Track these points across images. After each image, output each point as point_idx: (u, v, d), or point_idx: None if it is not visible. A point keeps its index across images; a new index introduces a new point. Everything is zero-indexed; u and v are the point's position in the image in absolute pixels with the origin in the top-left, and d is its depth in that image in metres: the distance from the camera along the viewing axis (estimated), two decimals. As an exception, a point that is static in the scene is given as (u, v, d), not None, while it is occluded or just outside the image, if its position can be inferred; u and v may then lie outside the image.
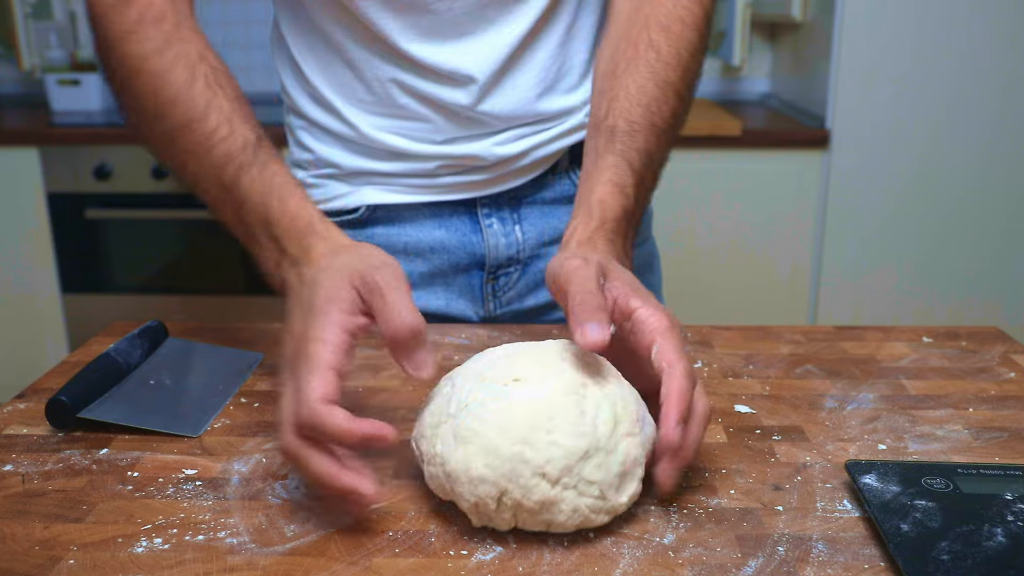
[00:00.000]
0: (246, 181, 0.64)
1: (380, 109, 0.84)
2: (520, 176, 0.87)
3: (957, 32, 2.03)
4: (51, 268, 2.36)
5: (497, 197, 0.88)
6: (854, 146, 2.11)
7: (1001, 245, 2.16)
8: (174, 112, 0.67)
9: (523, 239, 0.89)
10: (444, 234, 0.87)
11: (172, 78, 0.67)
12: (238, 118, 0.67)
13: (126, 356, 0.70)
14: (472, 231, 0.88)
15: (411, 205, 0.87)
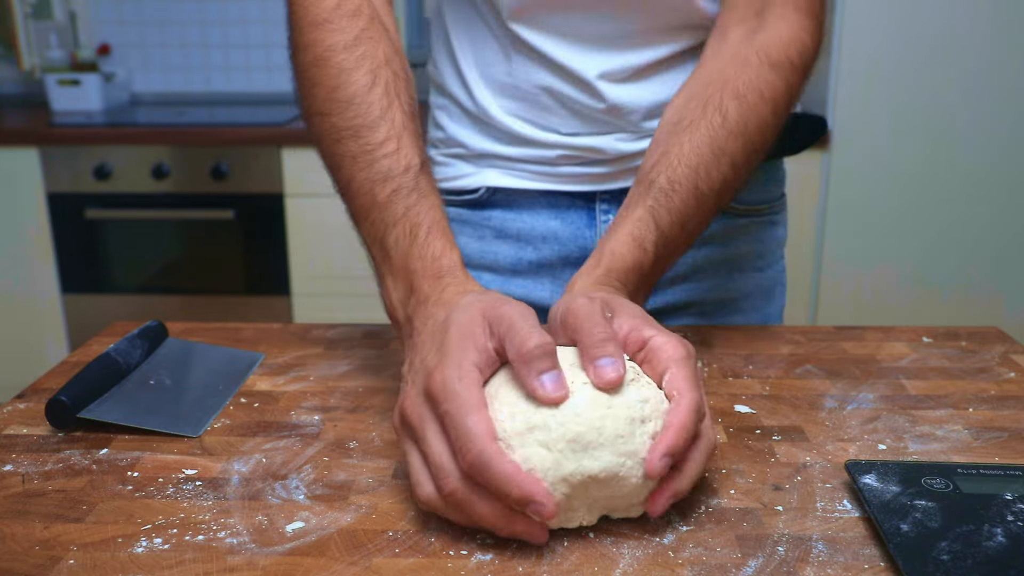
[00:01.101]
0: (400, 207, 0.64)
1: (514, 92, 0.84)
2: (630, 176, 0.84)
3: (957, 32, 2.03)
4: (51, 268, 2.37)
5: (618, 193, 0.85)
6: (854, 146, 2.11)
7: (1001, 245, 2.16)
8: (347, 113, 0.67)
9: None
10: (559, 224, 0.86)
11: (354, 78, 0.67)
12: (407, 136, 0.67)
13: (126, 356, 0.70)
14: (587, 225, 0.86)
15: (530, 191, 0.86)
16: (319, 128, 0.69)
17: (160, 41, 2.77)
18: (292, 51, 0.72)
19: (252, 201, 2.30)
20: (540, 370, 0.49)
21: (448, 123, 0.89)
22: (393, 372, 0.75)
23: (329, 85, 0.68)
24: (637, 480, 0.50)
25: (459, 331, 0.53)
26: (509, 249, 0.87)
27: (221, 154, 2.28)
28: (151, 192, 2.31)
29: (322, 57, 0.69)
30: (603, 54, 0.81)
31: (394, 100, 0.68)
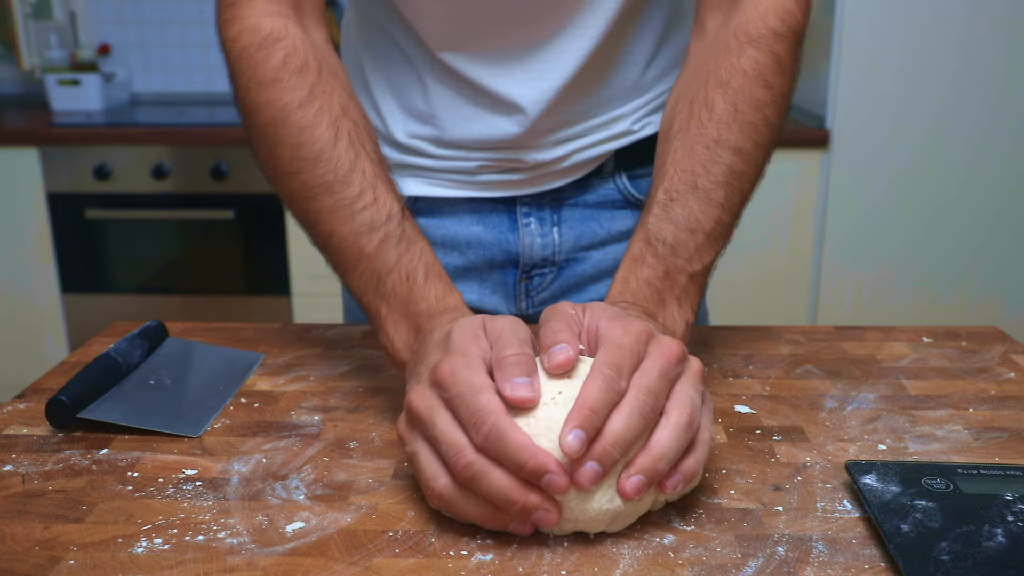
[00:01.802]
0: (392, 256, 0.65)
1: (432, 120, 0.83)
2: (561, 178, 0.86)
3: (957, 32, 2.03)
4: (51, 268, 2.37)
5: (539, 197, 0.86)
6: (854, 146, 2.11)
7: (1001, 245, 2.16)
8: (316, 170, 0.67)
9: (560, 241, 0.88)
10: (481, 230, 0.87)
11: (316, 134, 0.67)
12: (381, 184, 0.67)
13: (126, 356, 0.70)
14: (509, 229, 0.87)
15: (451, 199, 0.86)
16: (289, 187, 0.69)
17: (160, 41, 2.77)
18: (244, 112, 0.71)
19: (252, 201, 2.30)
20: (513, 375, 0.50)
21: None
22: (393, 372, 0.75)
23: (292, 144, 0.68)
24: (598, 506, 0.49)
25: (462, 334, 0.54)
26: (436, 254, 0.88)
27: (221, 154, 2.28)
28: (151, 192, 2.31)
29: (279, 117, 0.68)
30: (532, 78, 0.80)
31: (360, 151, 0.68)
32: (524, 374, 0.51)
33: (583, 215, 0.88)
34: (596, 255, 0.89)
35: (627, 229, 0.89)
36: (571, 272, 0.89)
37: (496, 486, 0.48)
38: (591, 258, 0.89)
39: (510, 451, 0.47)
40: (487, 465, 0.48)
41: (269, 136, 0.69)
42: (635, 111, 0.86)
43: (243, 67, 0.70)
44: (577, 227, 0.88)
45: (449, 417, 0.51)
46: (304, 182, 0.67)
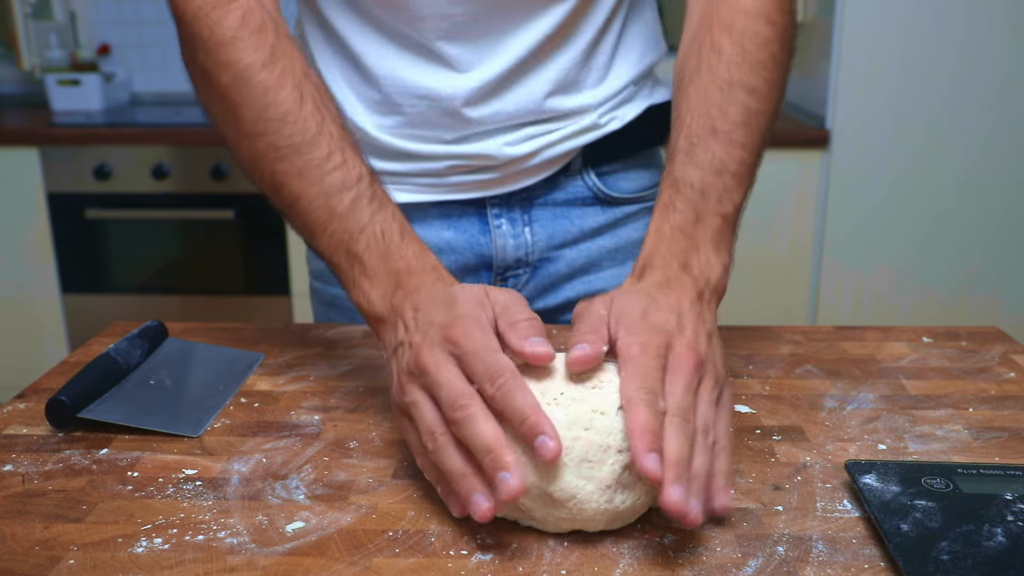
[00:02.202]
0: (364, 214, 0.65)
1: (389, 108, 0.84)
2: (530, 176, 0.86)
3: (957, 32, 2.03)
4: (51, 268, 2.37)
5: (508, 197, 0.87)
6: (854, 146, 2.11)
7: (1001, 245, 2.16)
8: (283, 131, 0.66)
9: (532, 241, 0.88)
10: (452, 234, 0.87)
11: (282, 96, 0.67)
12: (349, 148, 0.67)
13: (126, 356, 0.70)
14: (480, 232, 0.87)
15: (420, 204, 0.86)
16: (252, 149, 0.68)
17: (160, 41, 2.77)
18: (201, 75, 0.71)
19: (252, 201, 2.30)
20: (528, 335, 0.52)
21: None
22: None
23: (256, 106, 0.67)
24: (596, 506, 0.50)
25: (468, 300, 0.56)
26: None
27: (221, 154, 2.28)
28: (151, 192, 2.31)
29: (241, 78, 0.67)
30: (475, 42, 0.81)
31: (325, 114, 0.68)
32: (538, 335, 0.53)
33: (553, 213, 0.88)
34: (569, 253, 0.90)
35: (598, 225, 0.90)
36: (545, 272, 0.90)
37: (482, 433, 0.49)
38: (564, 256, 0.89)
39: (517, 404, 0.49)
40: (481, 412, 0.50)
41: (231, 97, 0.68)
42: (600, 104, 0.86)
43: (199, 28, 0.70)
44: (549, 226, 0.88)
45: (456, 370, 0.52)
46: (270, 143, 0.67)
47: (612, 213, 0.90)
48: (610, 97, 0.86)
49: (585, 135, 0.86)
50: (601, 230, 0.90)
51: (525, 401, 0.49)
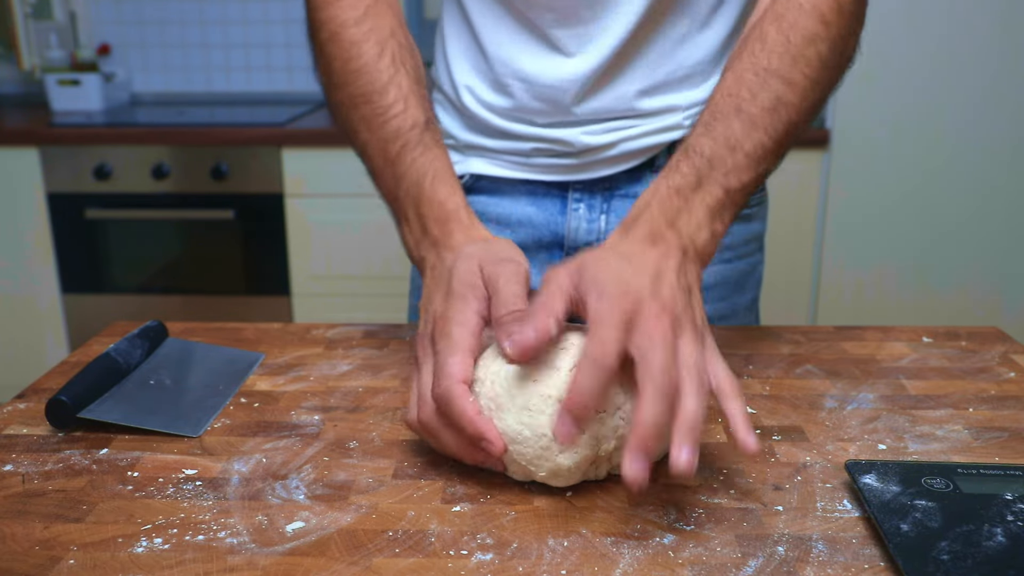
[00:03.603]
0: (408, 159, 0.70)
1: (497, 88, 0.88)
2: (608, 166, 0.88)
3: (956, 32, 2.03)
4: (51, 268, 2.37)
5: (591, 184, 0.90)
6: (854, 146, 2.11)
7: (1001, 245, 2.16)
8: (358, 81, 0.73)
9: (605, 228, 0.90)
10: (534, 211, 0.91)
11: (364, 49, 0.73)
12: (414, 98, 0.73)
13: (126, 356, 0.70)
14: (560, 212, 0.91)
15: (509, 180, 0.91)
16: (337, 98, 0.75)
17: (160, 41, 2.77)
18: (310, 31, 0.78)
19: (252, 201, 2.30)
20: (509, 332, 0.55)
21: (442, 115, 0.95)
22: (393, 372, 0.75)
23: (343, 58, 0.74)
24: (533, 452, 0.54)
25: (460, 281, 0.60)
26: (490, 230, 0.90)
27: (221, 154, 2.28)
28: (151, 192, 2.31)
29: (336, 33, 0.75)
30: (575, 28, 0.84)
31: (400, 67, 0.73)
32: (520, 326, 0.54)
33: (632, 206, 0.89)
34: None
35: None
36: None
37: (446, 443, 0.56)
38: None
39: (454, 416, 0.55)
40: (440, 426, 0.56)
41: (326, 52, 0.76)
42: (690, 106, 0.86)
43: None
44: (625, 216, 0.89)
45: (431, 368, 0.58)
46: (349, 93, 0.74)
47: None
48: (702, 101, 0.86)
49: (667, 133, 0.87)
50: None
51: (460, 409, 0.54)
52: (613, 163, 0.88)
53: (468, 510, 0.54)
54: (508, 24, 0.86)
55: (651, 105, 0.86)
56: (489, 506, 0.54)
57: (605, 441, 0.55)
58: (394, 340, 0.82)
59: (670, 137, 0.87)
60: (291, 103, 2.67)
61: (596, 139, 0.86)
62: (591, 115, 0.86)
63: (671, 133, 0.87)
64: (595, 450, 0.55)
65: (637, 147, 0.87)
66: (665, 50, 0.85)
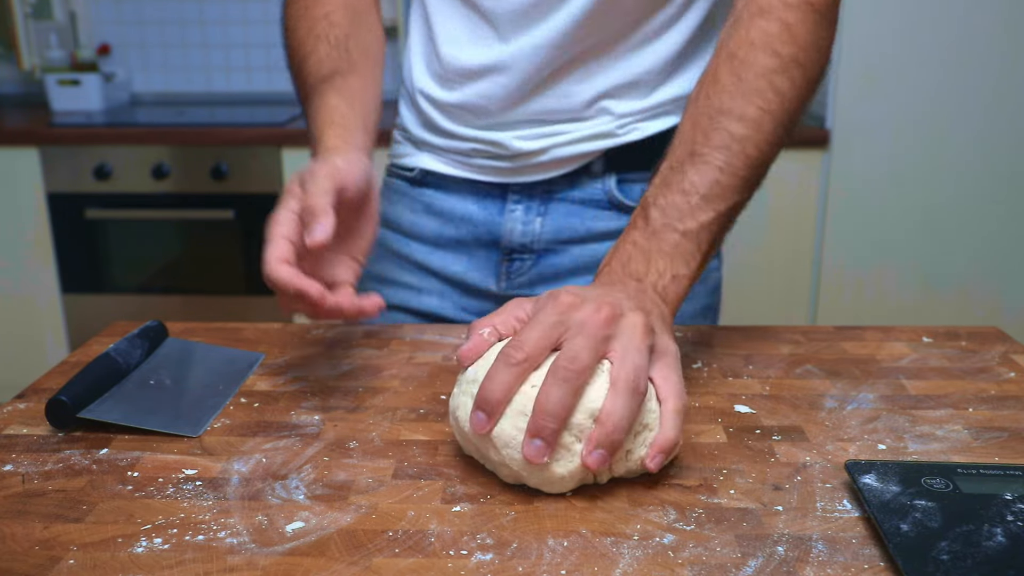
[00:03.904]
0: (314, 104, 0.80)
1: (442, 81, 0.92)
2: (541, 171, 0.90)
3: (957, 32, 2.03)
4: (51, 268, 2.37)
5: (530, 187, 0.92)
6: (854, 146, 2.11)
7: (1002, 245, 2.16)
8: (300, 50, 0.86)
9: (539, 231, 0.92)
10: (475, 209, 0.94)
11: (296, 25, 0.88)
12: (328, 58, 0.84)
13: (126, 356, 0.70)
14: (498, 212, 0.93)
15: (454, 177, 0.94)
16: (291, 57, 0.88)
17: (160, 41, 2.77)
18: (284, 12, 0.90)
19: (252, 201, 2.30)
20: (307, 223, 0.66)
21: (402, 110, 1.00)
22: (393, 372, 0.75)
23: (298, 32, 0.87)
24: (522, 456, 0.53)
25: (285, 188, 0.70)
26: (434, 224, 0.96)
27: (221, 154, 2.28)
28: (151, 192, 2.31)
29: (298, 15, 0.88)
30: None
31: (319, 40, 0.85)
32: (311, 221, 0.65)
33: (568, 210, 0.92)
34: (575, 250, 0.93)
35: (609, 230, 0.92)
36: (548, 262, 0.93)
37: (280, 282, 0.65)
38: (570, 252, 0.93)
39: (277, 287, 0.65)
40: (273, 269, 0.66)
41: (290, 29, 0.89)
42: (625, 115, 0.88)
43: None
44: (560, 220, 0.92)
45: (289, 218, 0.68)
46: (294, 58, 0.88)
47: (625, 221, 0.90)
48: (639, 111, 0.88)
49: (598, 141, 0.88)
50: (611, 235, 0.92)
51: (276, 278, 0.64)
52: (546, 168, 0.90)
53: (468, 510, 0.54)
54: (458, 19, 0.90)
55: (585, 113, 0.88)
56: (489, 506, 0.54)
57: None
58: (394, 340, 0.82)
59: (602, 145, 0.89)
60: (291, 103, 2.67)
61: (528, 144, 0.89)
62: (525, 118, 0.89)
63: (604, 141, 0.89)
64: None
65: (568, 154, 0.89)
66: (606, 58, 0.87)
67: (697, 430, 0.64)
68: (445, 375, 0.74)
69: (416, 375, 0.74)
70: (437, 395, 0.70)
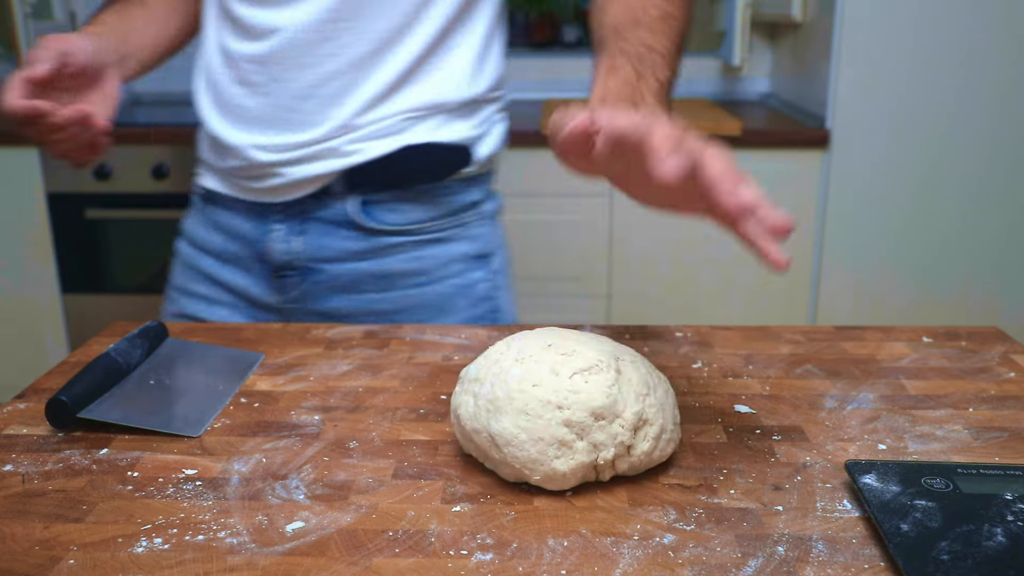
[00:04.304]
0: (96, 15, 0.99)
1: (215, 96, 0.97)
2: (288, 192, 0.94)
3: (957, 31, 2.03)
4: (51, 268, 2.36)
5: (289, 207, 0.95)
6: (854, 146, 2.11)
7: (1001, 245, 2.16)
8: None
9: (300, 250, 0.96)
10: (248, 227, 0.98)
11: None
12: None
13: (126, 356, 0.70)
14: (263, 232, 0.97)
15: (227, 196, 0.99)
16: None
17: (160, 41, 2.77)
18: None
19: (252, 201, 2.30)
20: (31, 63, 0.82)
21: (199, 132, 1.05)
22: (393, 372, 0.75)
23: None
24: (527, 455, 0.54)
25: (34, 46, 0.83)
26: (219, 239, 1.01)
27: (221, 154, 2.28)
28: (151, 192, 2.31)
29: None
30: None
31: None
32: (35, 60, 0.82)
33: (323, 230, 0.95)
34: (332, 269, 0.96)
35: (359, 249, 0.96)
36: (313, 280, 0.97)
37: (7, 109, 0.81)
38: (327, 271, 0.96)
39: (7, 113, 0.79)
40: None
41: None
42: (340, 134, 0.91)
43: None
44: (316, 240, 0.96)
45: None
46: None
47: (373, 241, 0.96)
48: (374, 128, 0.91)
49: (324, 161, 0.92)
50: (362, 255, 0.96)
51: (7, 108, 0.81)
52: (291, 189, 0.94)
53: (468, 510, 0.54)
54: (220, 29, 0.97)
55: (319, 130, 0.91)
56: (489, 506, 0.54)
57: (603, 448, 0.55)
58: (394, 340, 0.82)
59: (338, 166, 0.92)
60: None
61: (268, 156, 0.92)
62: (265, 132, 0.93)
63: (341, 160, 0.92)
64: (592, 457, 0.55)
65: (305, 175, 0.92)
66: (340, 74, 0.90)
67: (697, 430, 0.64)
68: (445, 375, 0.74)
69: (416, 375, 0.74)
70: (437, 395, 0.70)
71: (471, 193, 0.99)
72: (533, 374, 0.56)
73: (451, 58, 0.94)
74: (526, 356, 0.57)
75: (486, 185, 1.02)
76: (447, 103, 0.93)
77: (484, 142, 0.98)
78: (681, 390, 0.71)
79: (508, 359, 0.58)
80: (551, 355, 0.57)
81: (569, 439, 0.54)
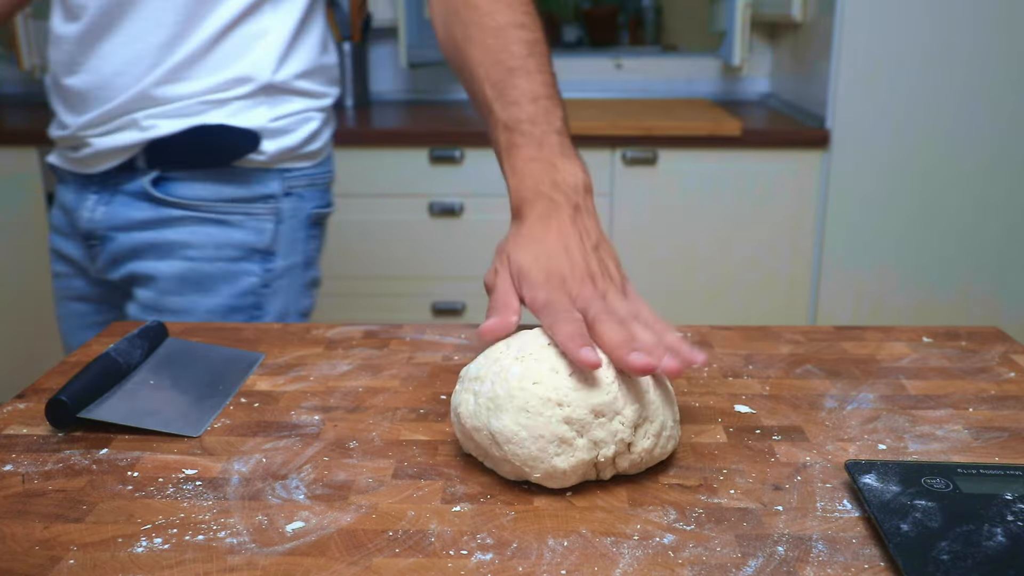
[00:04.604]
0: None
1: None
2: (95, 163, 1.02)
3: (957, 31, 2.03)
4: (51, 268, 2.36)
5: (103, 178, 1.03)
6: (854, 146, 2.11)
7: (1001, 245, 2.16)
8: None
9: (100, 219, 1.03)
10: (72, 198, 1.06)
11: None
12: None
13: (126, 356, 0.70)
14: (82, 201, 1.04)
15: (62, 169, 1.07)
16: None
17: (160, 41, 2.77)
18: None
19: (252, 201, 2.30)
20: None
21: None
22: (393, 372, 0.75)
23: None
24: (527, 453, 0.54)
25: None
26: (59, 214, 1.10)
27: (221, 154, 2.28)
28: (151, 192, 2.31)
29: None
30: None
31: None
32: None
33: (124, 201, 1.03)
34: (122, 237, 1.03)
35: (145, 219, 1.02)
36: (109, 248, 1.04)
37: None
38: (118, 239, 1.03)
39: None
40: None
41: None
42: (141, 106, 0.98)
43: None
44: (113, 210, 1.03)
45: None
46: None
47: (160, 212, 1.02)
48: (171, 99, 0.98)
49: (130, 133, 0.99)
50: (147, 224, 1.02)
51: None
52: (99, 160, 1.01)
53: (468, 510, 0.54)
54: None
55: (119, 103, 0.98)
56: (489, 506, 0.54)
57: (604, 446, 0.55)
58: (394, 340, 0.82)
59: (138, 138, 0.99)
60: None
61: (79, 123, 0.99)
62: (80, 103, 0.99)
63: (140, 134, 0.99)
64: (593, 455, 0.55)
65: (109, 146, 0.99)
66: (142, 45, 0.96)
67: (697, 430, 0.64)
68: (445, 375, 0.74)
69: (416, 375, 0.74)
70: (437, 395, 0.70)
71: (267, 186, 1.04)
72: (533, 372, 0.56)
73: (257, 41, 0.99)
74: (526, 354, 0.58)
75: (290, 183, 1.06)
76: (248, 79, 0.99)
77: (282, 137, 1.02)
78: (681, 390, 0.71)
79: (508, 357, 0.58)
80: (551, 353, 0.57)
81: (569, 436, 0.54)
